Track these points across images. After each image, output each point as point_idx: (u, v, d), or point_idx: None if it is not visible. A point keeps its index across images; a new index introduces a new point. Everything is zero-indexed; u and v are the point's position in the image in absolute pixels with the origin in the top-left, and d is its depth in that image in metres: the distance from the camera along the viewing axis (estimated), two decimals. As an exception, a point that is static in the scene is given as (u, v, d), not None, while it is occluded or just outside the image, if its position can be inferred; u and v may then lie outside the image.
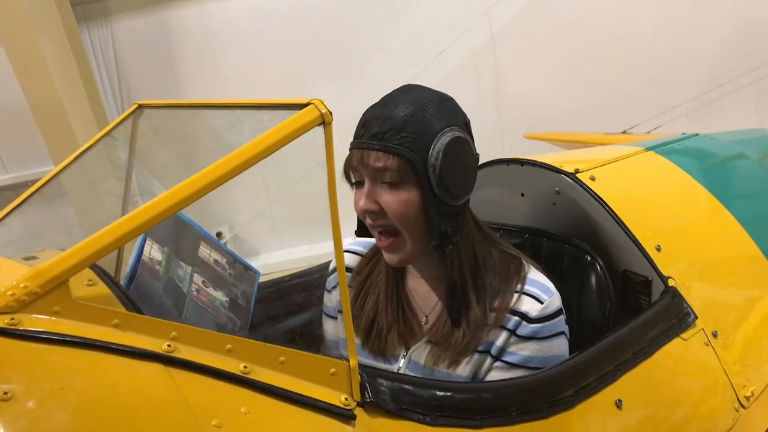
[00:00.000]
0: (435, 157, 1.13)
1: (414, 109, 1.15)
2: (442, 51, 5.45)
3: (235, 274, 1.51)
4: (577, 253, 1.51)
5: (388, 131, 1.13)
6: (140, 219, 0.84)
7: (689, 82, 5.26)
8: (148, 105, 1.38)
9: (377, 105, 1.20)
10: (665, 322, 1.38)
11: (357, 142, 1.18)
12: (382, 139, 1.13)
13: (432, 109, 1.16)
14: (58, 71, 4.81)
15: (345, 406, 0.92)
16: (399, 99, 1.18)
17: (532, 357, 1.22)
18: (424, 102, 1.16)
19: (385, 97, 1.21)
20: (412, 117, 1.14)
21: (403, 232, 1.19)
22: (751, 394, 1.45)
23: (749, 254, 1.74)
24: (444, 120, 1.16)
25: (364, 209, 1.19)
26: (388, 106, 1.17)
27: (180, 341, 0.85)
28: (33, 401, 0.73)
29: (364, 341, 1.35)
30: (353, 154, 1.18)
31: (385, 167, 1.14)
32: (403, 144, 1.12)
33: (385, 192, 1.17)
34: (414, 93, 1.20)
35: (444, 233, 1.18)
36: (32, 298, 0.80)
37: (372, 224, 1.21)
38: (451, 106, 1.21)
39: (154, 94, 5.80)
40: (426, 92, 1.21)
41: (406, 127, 1.13)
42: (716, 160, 2.09)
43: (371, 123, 1.16)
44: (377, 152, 1.14)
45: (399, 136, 1.12)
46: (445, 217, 1.18)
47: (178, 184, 0.86)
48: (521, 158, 1.68)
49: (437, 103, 1.18)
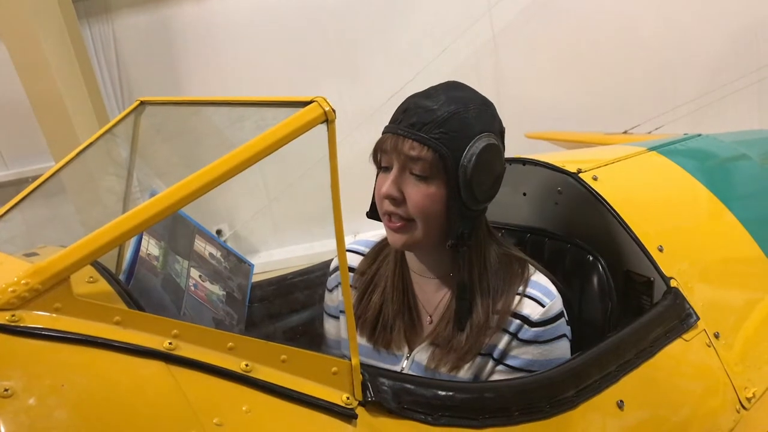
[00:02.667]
0: (468, 159, 1.13)
1: (456, 107, 1.15)
2: (443, 50, 5.44)
3: (230, 267, 1.51)
4: (579, 253, 1.50)
5: (428, 123, 1.13)
6: (142, 216, 0.84)
7: (691, 82, 5.25)
8: (150, 102, 1.38)
9: (420, 95, 1.20)
10: (667, 322, 1.38)
11: (393, 127, 1.17)
12: (421, 130, 1.13)
13: (474, 111, 1.17)
14: (59, 67, 4.81)
15: (346, 405, 0.92)
16: (443, 94, 1.18)
17: (534, 361, 1.22)
18: (467, 102, 1.17)
19: (430, 89, 1.21)
20: (453, 115, 1.14)
21: (418, 223, 1.19)
22: (752, 395, 1.45)
23: (751, 255, 1.74)
24: (483, 124, 1.17)
25: (388, 194, 1.18)
26: (432, 98, 1.17)
27: (181, 339, 0.85)
28: (33, 398, 0.73)
29: (370, 335, 1.35)
30: (387, 137, 1.18)
31: (419, 157, 1.14)
32: (441, 140, 1.13)
33: (411, 182, 1.17)
34: (459, 91, 1.20)
35: (461, 234, 1.18)
36: (33, 294, 0.79)
37: (389, 211, 1.20)
38: (492, 111, 1.22)
39: (154, 91, 5.79)
40: (470, 93, 1.21)
41: (445, 124, 1.13)
42: (718, 160, 2.09)
43: (412, 111, 1.16)
44: (413, 141, 1.14)
45: (438, 131, 1.13)
46: (465, 219, 1.18)
47: (179, 182, 0.85)
48: (523, 157, 1.67)
49: (479, 105, 1.19)
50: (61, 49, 4.86)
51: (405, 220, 1.20)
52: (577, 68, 5.61)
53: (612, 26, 5.51)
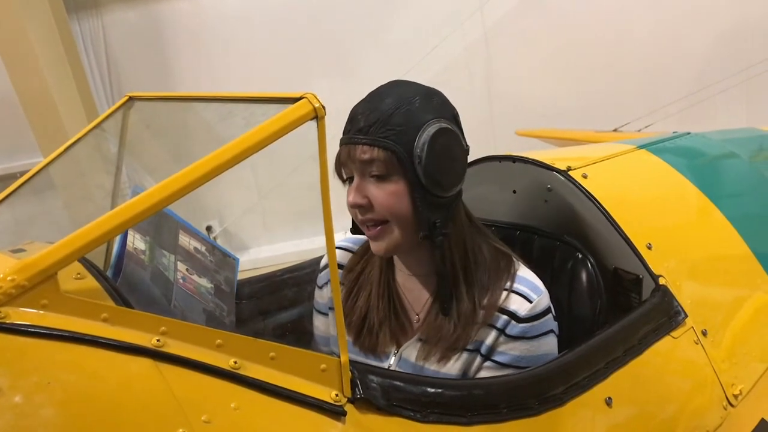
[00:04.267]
0: (420, 149, 1.13)
1: (400, 102, 1.16)
2: (434, 47, 5.44)
3: (216, 260, 1.51)
4: (568, 251, 1.51)
5: (373, 124, 1.14)
6: (130, 212, 0.83)
7: (680, 81, 5.28)
8: (139, 97, 1.37)
9: (364, 100, 1.21)
10: (655, 320, 1.38)
11: (345, 138, 1.19)
12: (368, 133, 1.14)
13: (418, 102, 1.17)
14: (48, 62, 4.77)
15: (335, 402, 0.92)
16: (385, 94, 1.19)
17: (522, 357, 1.22)
18: (409, 96, 1.17)
19: (372, 92, 1.22)
20: (397, 110, 1.14)
21: (391, 221, 1.19)
22: (739, 392, 1.46)
23: (739, 253, 1.75)
24: (430, 112, 1.17)
25: (354, 203, 1.19)
26: (374, 100, 1.18)
27: (169, 336, 0.85)
28: (20, 395, 0.72)
29: (356, 338, 1.35)
30: (342, 150, 1.19)
31: (372, 159, 1.14)
32: (389, 137, 1.13)
33: (372, 185, 1.17)
34: (400, 87, 1.21)
35: (432, 224, 1.18)
36: (20, 291, 0.79)
37: (361, 219, 1.21)
38: (439, 99, 1.22)
39: (144, 86, 5.76)
40: (413, 87, 1.21)
41: (391, 120, 1.14)
42: (707, 158, 2.10)
43: (358, 118, 1.17)
44: (363, 145, 1.15)
45: (384, 129, 1.13)
46: (434, 209, 1.18)
47: (168, 178, 0.85)
48: (513, 155, 1.68)
49: (423, 96, 1.19)
50: (50, 43, 4.83)
51: (379, 223, 1.20)
52: (567, 66, 5.63)
53: (603, 25, 5.53)
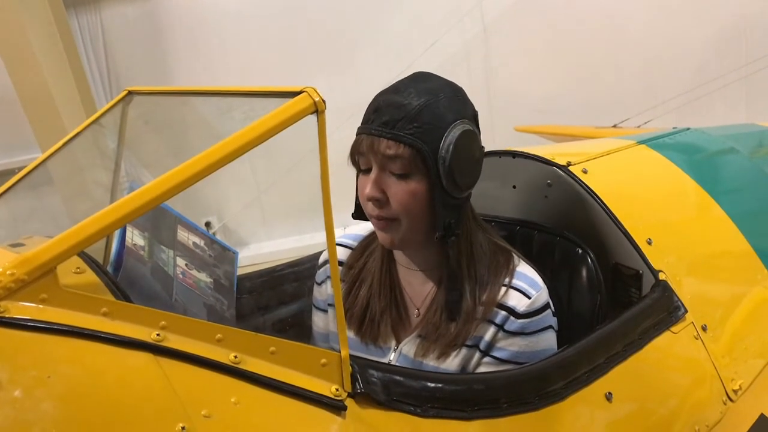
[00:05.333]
0: (446, 150, 1.12)
1: (427, 99, 1.13)
2: (433, 42, 5.43)
3: (215, 255, 1.51)
4: (568, 246, 1.51)
5: (400, 120, 1.12)
6: (129, 207, 0.83)
7: (680, 76, 5.27)
8: (138, 91, 1.37)
9: (389, 91, 1.18)
10: (655, 315, 1.38)
11: (367, 128, 1.16)
12: (394, 128, 1.12)
13: (445, 100, 1.15)
14: (46, 57, 4.77)
15: (336, 397, 0.92)
16: (412, 87, 1.16)
17: (521, 352, 1.22)
18: (437, 92, 1.15)
19: (398, 83, 1.19)
20: (425, 107, 1.12)
21: (403, 220, 1.18)
22: (738, 387, 1.46)
23: (738, 249, 1.74)
24: (456, 112, 1.16)
25: (371, 196, 1.17)
26: (401, 93, 1.15)
27: (169, 330, 0.84)
28: (19, 390, 0.72)
29: (358, 329, 1.34)
30: (362, 139, 1.16)
31: (396, 155, 1.12)
32: (415, 134, 1.11)
33: (392, 181, 1.16)
34: (427, 82, 1.18)
35: (448, 225, 1.18)
36: (19, 285, 0.78)
37: (375, 213, 1.20)
38: (463, 97, 1.21)
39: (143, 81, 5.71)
40: (438, 81, 1.20)
41: (418, 118, 1.12)
42: (707, 154, 2.09)
43: (383, 110, 1.14)
44: (388, 140, 1.12)
45: (411, 126, 1.11)
46: (450, 209, 1.18)
47: (167, 172, 0.85)
48: (513, 150, 1.67)
49: (450, 93, 1.17)
50: (48, 38, 4.82)
51: (389, 219, 1.19)
52: (567, 62, 5.63)
53: (602, 20, 5.53)
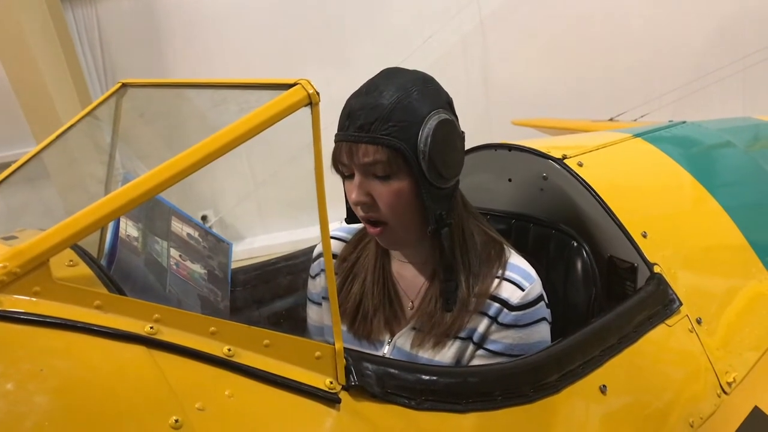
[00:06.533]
0: (424, 143, 1.11)
1: (398, 95, 1.12)
2: (430, 36, 5.43)
3: (209, 246, 1.51)
4: (563, 239, 1.51)
5: (374, 121, 1.10)
6: (123, 199, 0.82)
7: (677, 70, 5.27)
8: (132, 84, 1.36)
9: (360, 93, 1.16)
10: (650, 308, 1.39)
11: (343, 135, 1.14)
12: (370, 131, 1.10)
13: (416, 93, 1.13)
14: (42, 50, 4.75)
15: (330, 390, 0.92)
16: (382, 85, 1.14)
17: (514, 345, 1.21)
18: (407, 86, 1.14)
19: (367, 84, 1.17)
20: (397, 104, 1.11)
21: (392, 222, 1.18)
22: (733, 380, 1.46)
23: (734, 242, 1.75)
24: (429, 103, 1.14)
25: (358, 201, 1.16)
26: (372, 94, 1.13)
27: (163, 323, 0.84)
28: (12, 383, 0.72)
29: (350, 325, 1.34)
30: (341, 147, 1.15)
31: (375, 161, 1.11)
32: (392, 134, 1.10)
33: (376, 184, 1.15)
34: (396, 78, 1.16)
35: (439, 216, 1.17)
36: (11, 278, 0.78)
37: (365, 216, 1.20)
38: (434, 87, 1.19)
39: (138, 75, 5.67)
40: (408, 75, 1.18)
41: (392, 116, 1.10)
42: (703, 147, 2.09)
43: (356, 113, 1.12)
44: (366, 145, 1.11)
45: (386, 126, 1.10)
46: (438, 201, 1.17)
47: (161, 164, 0.84)
48: (509, 143, 1.67)
49: (420, 86, 1.15)
50: (44, 32, 4.80)
51: (380, 224, 1.19)
52: (563, 56, 5.62)
53: (599, 14, 5.52)
